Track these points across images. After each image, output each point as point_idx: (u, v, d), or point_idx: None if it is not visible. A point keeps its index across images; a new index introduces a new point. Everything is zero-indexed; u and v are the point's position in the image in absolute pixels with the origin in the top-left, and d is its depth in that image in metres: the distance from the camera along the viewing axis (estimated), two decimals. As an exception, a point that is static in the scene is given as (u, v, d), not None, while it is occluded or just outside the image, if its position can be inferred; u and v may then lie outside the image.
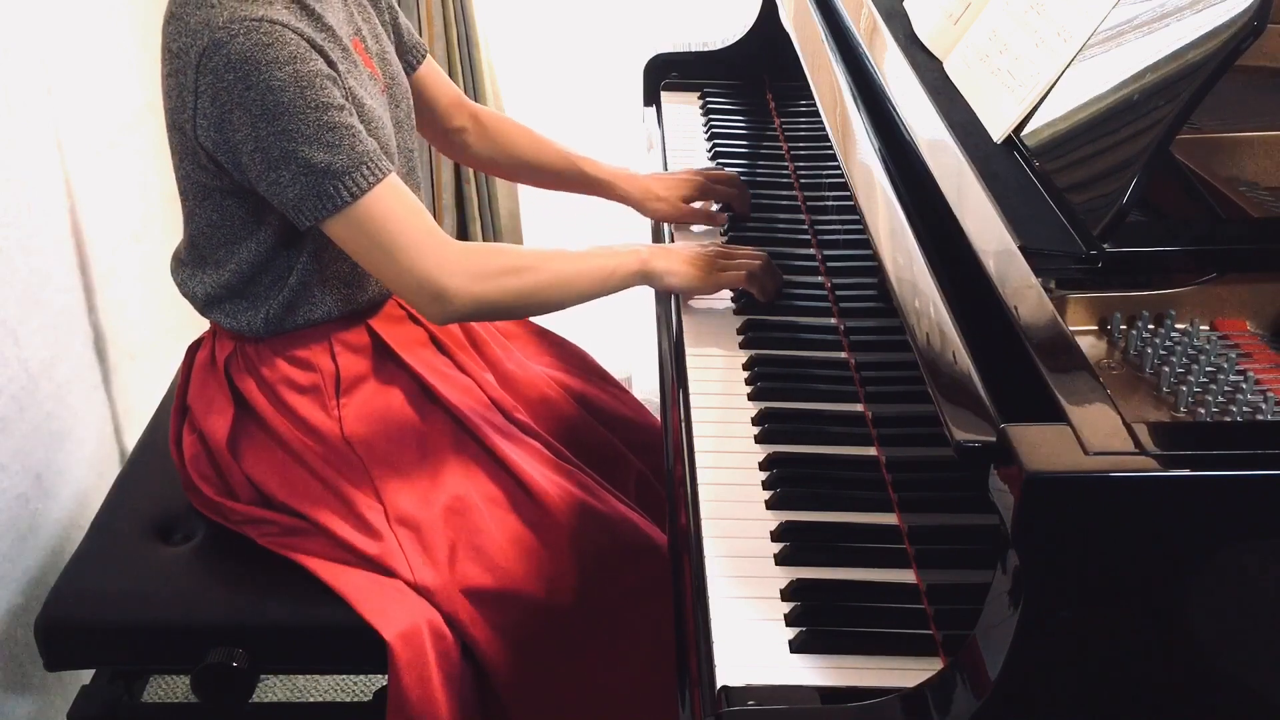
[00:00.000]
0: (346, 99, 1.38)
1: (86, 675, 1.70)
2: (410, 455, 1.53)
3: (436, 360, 1.60)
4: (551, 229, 2.74)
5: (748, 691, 1.01)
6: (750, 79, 2.11)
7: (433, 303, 1.42)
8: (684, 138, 2.01)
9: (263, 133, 1.33)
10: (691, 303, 1.58)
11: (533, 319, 1.86)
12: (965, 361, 0.98)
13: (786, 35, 1.78)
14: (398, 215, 1.39)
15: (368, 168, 1.36)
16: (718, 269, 1.55)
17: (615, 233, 1.98)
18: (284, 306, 1.50)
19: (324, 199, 1.36)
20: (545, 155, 1.80)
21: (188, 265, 1.55)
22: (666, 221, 1.78)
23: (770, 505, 1.24)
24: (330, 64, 1.37)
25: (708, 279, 1.55)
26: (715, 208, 1.79)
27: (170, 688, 2.13)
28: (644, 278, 1.54)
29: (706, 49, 2.14)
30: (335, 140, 1.34)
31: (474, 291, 1.43)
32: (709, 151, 1.96)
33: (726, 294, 1.59)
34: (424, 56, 1.69)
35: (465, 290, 1.42)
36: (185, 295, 1.57)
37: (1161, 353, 1.07)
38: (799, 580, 1.13)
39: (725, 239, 1.73)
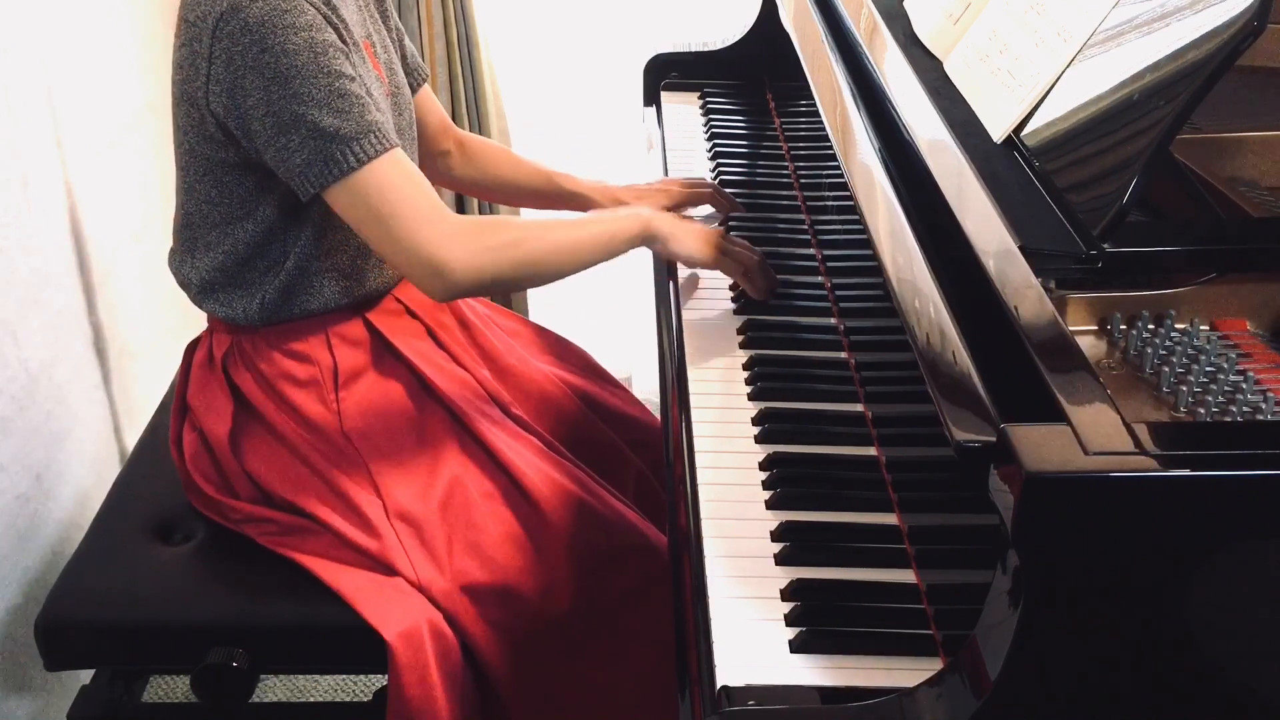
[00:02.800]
0: (357, 74, 1.39)
1: (86, 675, 1.70)
2: (409, 450, 1.53)
3: (434, 354, 1.60)
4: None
5: (748, 691, 1.01)
6: (750, 79, 2.11)
7: (432, 277, 1.42)
8: (684, 138, 2.01)
9: (274, 96, 1.34)
10: (690, 303, 1.58)
11: (532, 318, 1.87)
12: (965, 361, 0.98)
13: (786, 35, 1.78)
14: (400, 187, 1.39)
15: (375, 136, 1.38)
16: (721, 249, 1.55)
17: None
18: (280, 293, 1.50)
19: (330, 163, 1.36)
20: (523, 173, 1.82)
21: (181, 250, 1.56)
22: None
23: (770, 505, 1.24)
24: (344, 41, 1.38)
25: (710, 252, 1.54)
26: (706, 211, 1.79)
27: (170, 688, 2.13)
28: (647, 239, 1.53)
29: (706, 49, 2.14)
30: (345, 106, 1.36)
31: (474, 265, 1.42)
32: (709, 151, 1.96)
33: (727, 294, 1.59)
34: (424, 81, 1.71)
35: (465, 264, 1.42)
36: (180, 284, 1.57)
37: (1161, 353, 1.07)
38: (799, 580, 1.13)
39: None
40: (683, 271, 1.64)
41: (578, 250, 1.50)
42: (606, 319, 2.70)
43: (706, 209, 1.80)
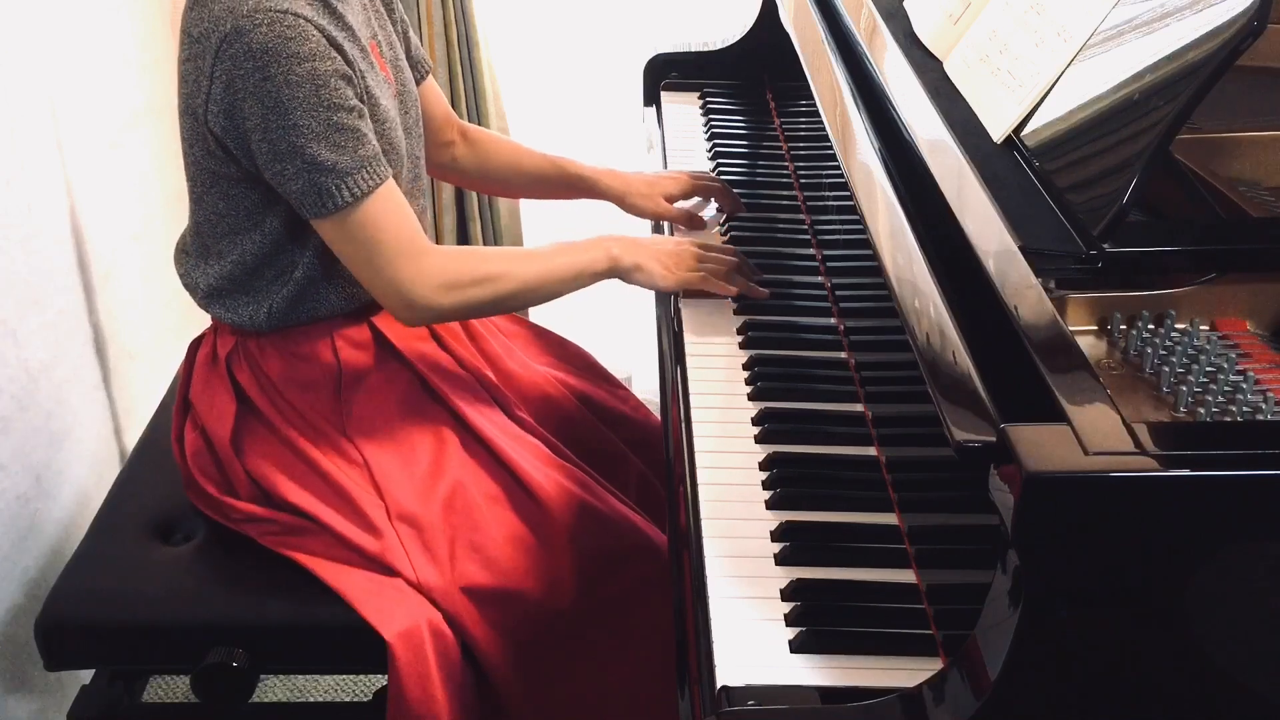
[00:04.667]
0: (361, 99, 1.40)
1: (86, 675, 1.70)
2: (411, 452, 1.53)
3: (438, 356, 1.61)
4: (551, 228, 2.74)
5: (748, 691, 1.01)
6: (750, 79, 2.11)
7: (402, 309, 1.48)
8: (684, 138, 2.01)
9: (272, 124, 1.34)
10: (690, 303, 1.58)
11: (532, 319, 1.87)
12: (965, 361, 0.98)
13: (786, 35, 1.78)
14: (386, 223, 1.42)
15: (368, 171, 1.39)
16: (684, 268, 1.56)
17: (613, 230, 1.98)
18: (288, 302, 1.50)
19: (325, 197, 1.37)
20: (528, 160, 1.82)
21: (190, 255, 1.56)
22: (646, 217, 1.80)
23: (770, 505, 1.24)
24: (348, 63, 1.38)
25: (670, 278, 1.56)
26: (712, 208, 1.80)
27: (170, 688, 2.13)
28: (613, 273, 1.56)
29: (706, 49, 2.14)
30: (342, 141, 1.36)
31: (441, 303, 1.47)
32: (709, 151, 1.96)
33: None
34: (427, 73, 1.71)
35: (433, 301, 1.46)
36: (186, 287, 1.58)
37: (1161, 353, 1.07)
38: (799, 580, 1.13)
39: (726, 237, 1.73)
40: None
41: (545, 286, 1.54)
42: (606, 319, 2.70)
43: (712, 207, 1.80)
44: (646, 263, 1.56)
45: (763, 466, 1.29)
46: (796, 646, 1.06)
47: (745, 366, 1.46)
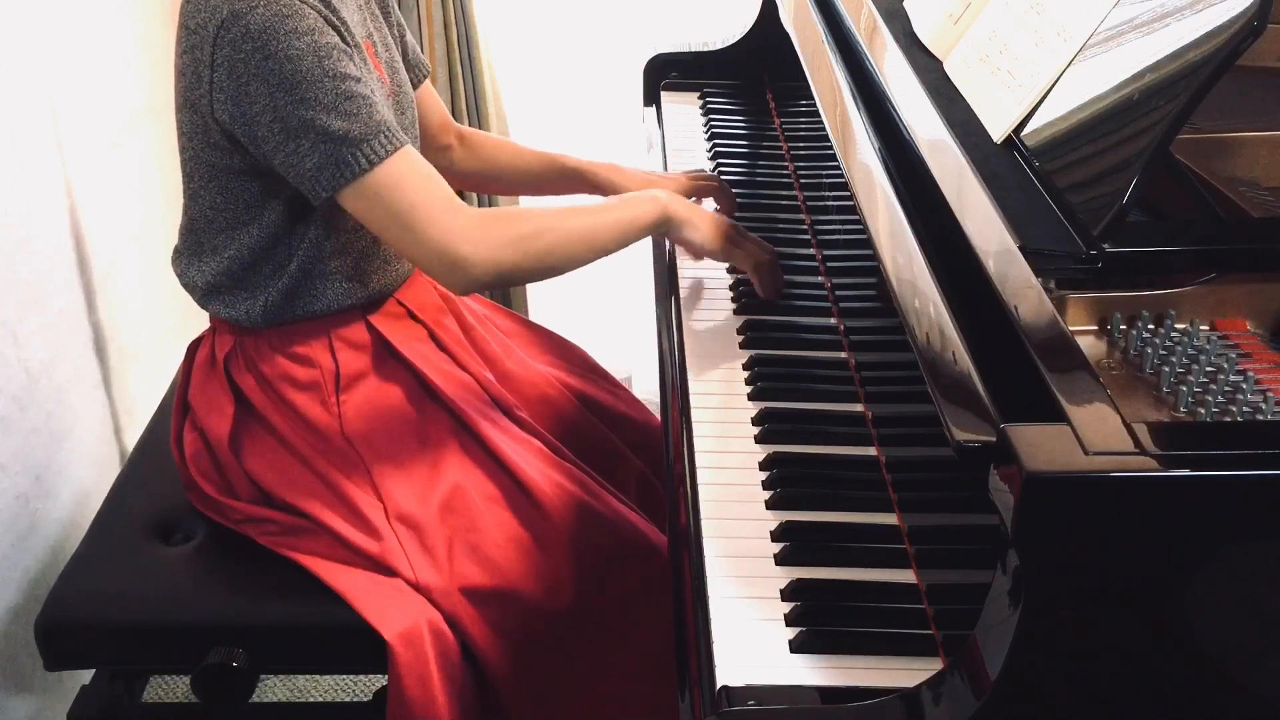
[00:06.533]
0: (361, 74, 1.39)
1: (86, 675, 1.70)
2: (410, 453, 1.53)
3: (437, 357, 1.60)
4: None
5: (748, 691, 1.01)
6: (750, 79, 2.11)
7: (452, 271, 1.42)
8: (684, 138, 2.01)
9: (281, 102, 1.34)
10: (690, 303, 1.58)
11: (532, 318, 1.87)
12: (965, 361, 0.98)
13: (786, 35, 1.78)
14: (414, 184, 1.39)
15: (385, 136, 1.37)
16: (733, 241, 1.54)
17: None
18: (283, 295, 1.50)
19: (342, 167, 1.36)
20: (525, 159, 1.82)
21: (186, 253, 1.56)
22: None
23: (770, 505, 1.24)
24: (345, 42, 1.38)
25: (721, 244, 1.54)
26: (709, 207, 1.80)
27: (170, 688, 2.13)
28: (663, 224, 1.53)
29: (706, 49, 2.14)
30: (353, 109, 1.35)
31: (493, 259, 1.42)
32: (709, 151, 1.96)
33: (727, 294, 1.59)
34: (425, 77, 1.71)
35: (484, 258, 1.41)
36: (185, 286, 1.57)
37: (1161, 353, 1.07)
38: (799, 580, 1.13)
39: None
40: (684, 271, 1.64)
41: (595, 238, 1.49)
42: (606, 319, 2.70)
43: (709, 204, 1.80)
44: (698, 220, 1.53)
45: (763, 466, 1.29)
46: (796, 646, 1.06)
47: (745, 366, 1.46)
